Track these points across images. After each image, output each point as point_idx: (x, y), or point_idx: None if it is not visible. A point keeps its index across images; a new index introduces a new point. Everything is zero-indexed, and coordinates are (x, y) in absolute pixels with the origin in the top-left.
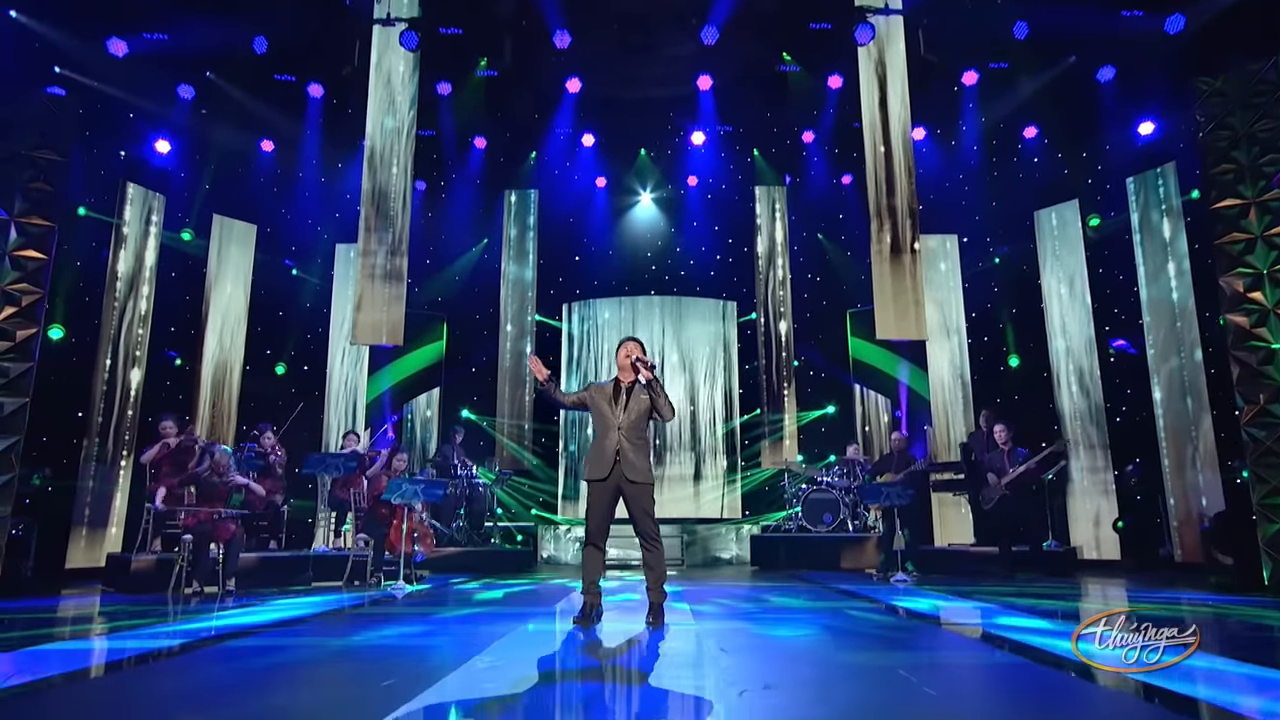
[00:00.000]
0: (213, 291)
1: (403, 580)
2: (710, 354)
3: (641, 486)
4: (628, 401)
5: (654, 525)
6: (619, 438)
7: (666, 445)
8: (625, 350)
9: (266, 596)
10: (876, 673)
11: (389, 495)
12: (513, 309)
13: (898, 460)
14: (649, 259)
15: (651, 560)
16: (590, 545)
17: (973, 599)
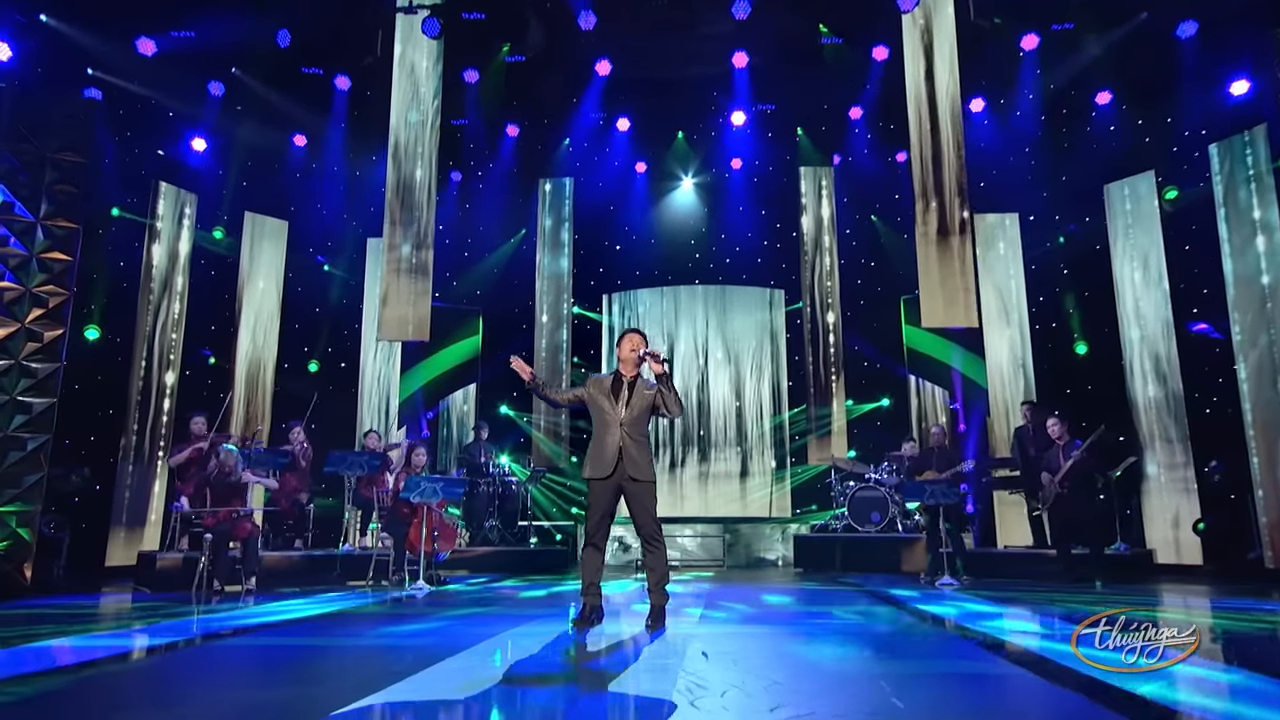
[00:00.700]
0: (245, 289)
1: (423, 580)
2: (756, 345)
3: (644, 485)
4: (630, 397)
5: (656, 525)
6: (621, 434)
7: (711, 441)
8: (630, 343)
9: (285, 596)
10: (858, 681)
11: (407, 493)
12: (548, 301)
13: (939, 457)
14: (692, 246)
15: (653, 561)
16: (589, 545)
17: (1014, 605)
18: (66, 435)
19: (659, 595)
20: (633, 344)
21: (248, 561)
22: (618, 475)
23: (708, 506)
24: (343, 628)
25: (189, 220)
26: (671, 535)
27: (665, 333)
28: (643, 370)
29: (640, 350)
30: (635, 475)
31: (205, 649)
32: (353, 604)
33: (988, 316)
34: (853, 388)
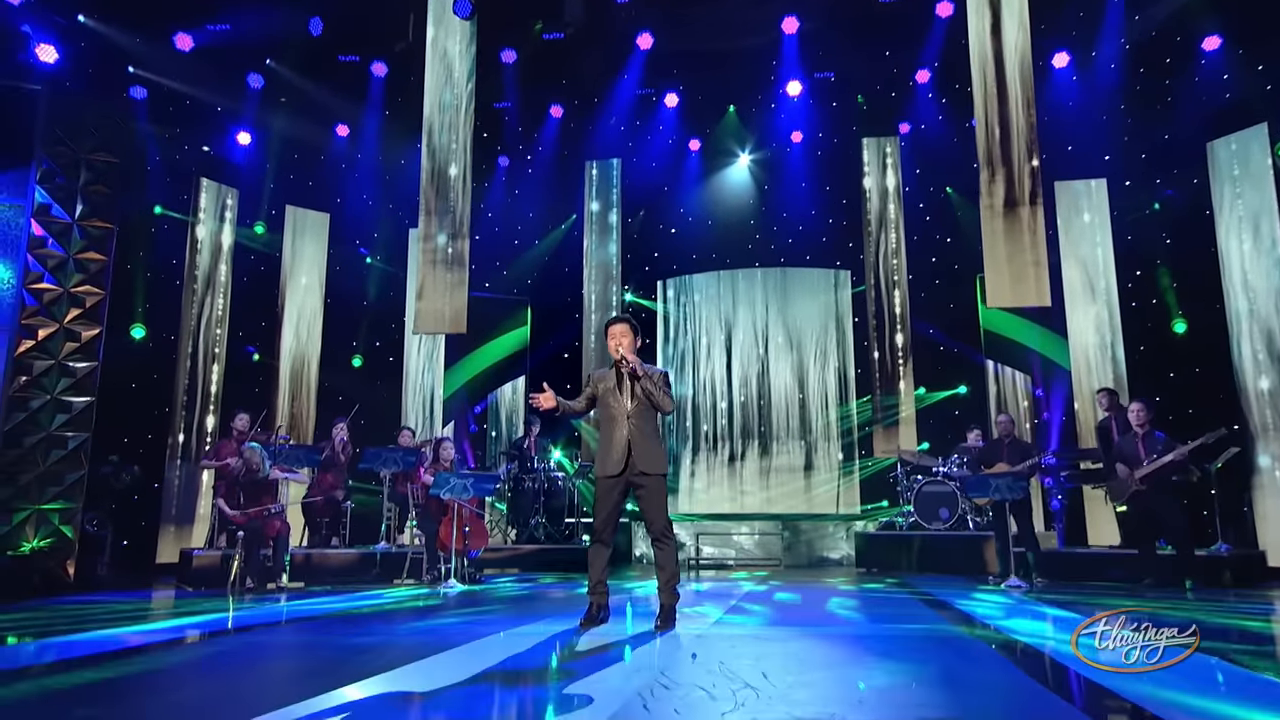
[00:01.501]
0: (288, 284)
1: (454, 578)
2: (820, 330)
3: (655, 479)
4: (633, 388)
5: (667, 521)
6: (629, 428)
7: (773, 434)
8: (610, 337)
9: (313, 595)
10: (840, 687)
11: (436, 489)
12: (596, 289)
13: (1010, 449)
14: (750, 227)
15: (663, 559)
16: (596, 543)
17: (1072, 609)
18: (116, 433)
19: (668, 594)
20: (616, 341)
21: (278, 559)
22: (628, 471)
23: (770, 502)
24: (340, 627)
25: (230, 215)
26: (727, 533)
27: (723, 319)
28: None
29: (619, 354)
30: (646, 469)
31: (172, 649)
32: (370, 603)
33: (1071, 293)
34: (925, 374)
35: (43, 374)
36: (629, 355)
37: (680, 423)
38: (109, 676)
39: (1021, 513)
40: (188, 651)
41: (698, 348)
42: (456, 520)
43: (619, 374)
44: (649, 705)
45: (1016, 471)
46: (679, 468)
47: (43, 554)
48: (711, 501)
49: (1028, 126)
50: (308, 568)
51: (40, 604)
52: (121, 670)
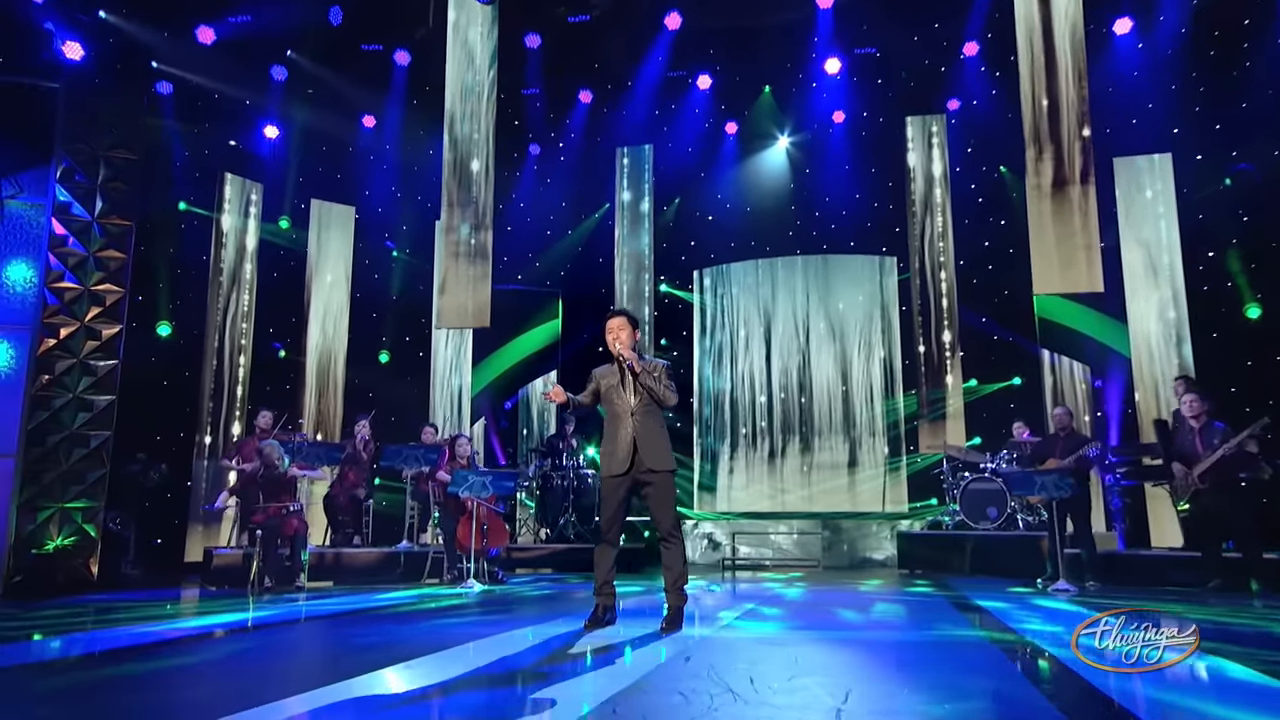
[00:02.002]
0: (314, 279)
1: (473, 578)
2: (865, 319)
3: (663, 476)
4: (635, 382)
5: (675, 519)
6: (633, 424)
7: (815, 429)
8: (608, 332)
9: (326, 595)
10: (815, 692)
11: (455, 488)
12: (628, 281)
13: (1064, 443)
14: (791, 213)
15: (670, 559)
16: (602, 543)
17: None
18: (140, 432)
19: (676, 595)
20: (614, 336)
21: (295, 558)
22: (635, 469)
23: (811, 501)
24: (339, 629)
25: (255, 210)
26: (764, 532)
27: (762, 310)
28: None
29: (616, 348)
30: (653, 465)
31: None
32: (381, 604)
33: (1131, 277)
34: (976, 365)
35: (65, 373)
36: (625, 351)
37: (718, 418)
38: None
39: (1078, 511)
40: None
41: (736, 340)
42: (476, 519)
43: (621, 369)
44: (618, 710)
45: (1064, 467)
46: (716, 465)
47: (66, 552)
48: (751, 500)
49: (1079, 99)
50: (330, 567)
51: (54, 602)
52: (104, 672)
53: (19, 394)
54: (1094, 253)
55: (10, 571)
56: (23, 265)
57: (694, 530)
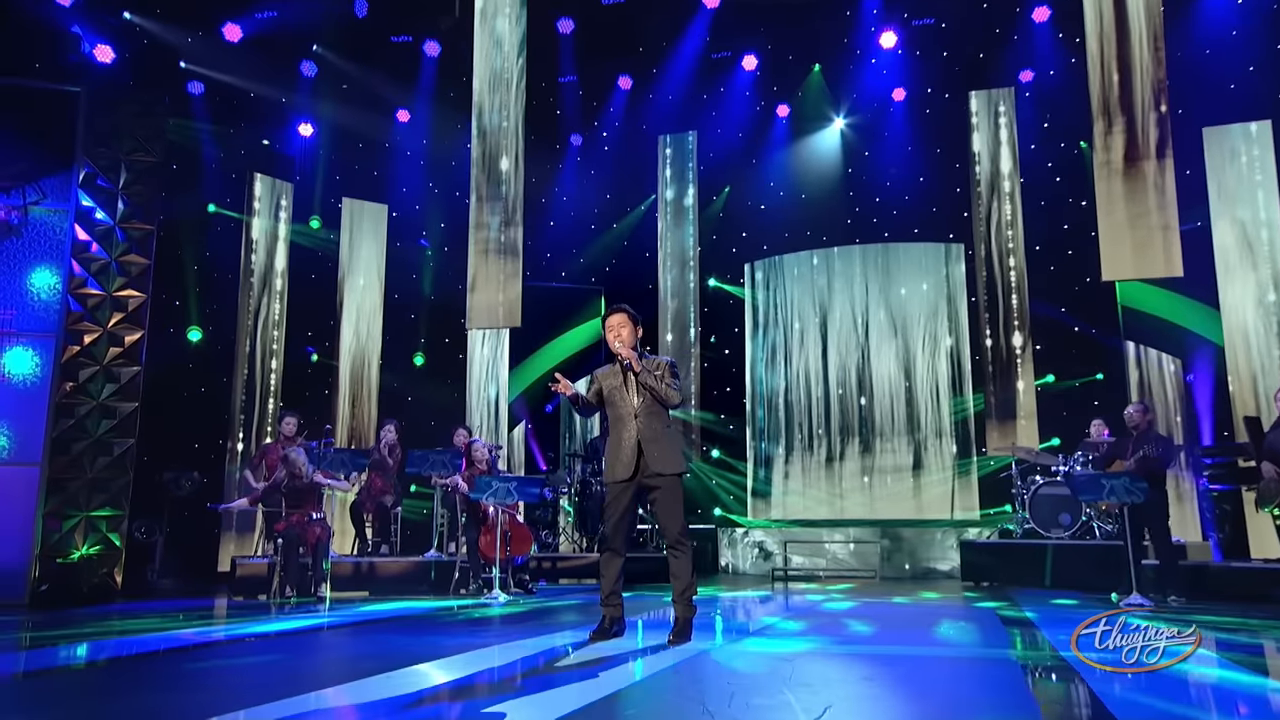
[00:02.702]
0: (347, 280)
1: (498, 589)
2: (929, 312)
3: (670, 480)
4: (637, 382)
5: (682, 526)
6: (637, 427)
7: (876, 429)
8: (608, 330)
9: (348, 605)
10: (784, 713)
11: (477, 494)
12: (672, 277)
13: (1136, 444)
14: (850, 199)
15: (678, 568)
16: (607, 551)
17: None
18: (168, 439)
19: (684, 607)
20: (616, 334)
21: (317, 567)
22: (640, 474)
23: (873, 507)
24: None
25: (285, 211)
26: (818, 541)
27: (818, 303)
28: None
29: (615, 345)
30: (660, 469)
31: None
32: (384, 614)
33: (1224, 259)
34: (1052, 359)
35: (88, 380)
36: (624, 350)
37: (772, 420)
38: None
39: (1154, 518)
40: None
41: (790, 336)
42: (504, 526)
43: (623, 369)
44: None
45: (1132, 469)
46: (771, 470)
47: (91, 562)
48: (808, 506)
49: (1154, 64)
50: (355, 577)
51: (67, 613)
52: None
53: (44, 402)
54: (1172, 234)
55: (36, 580)
56: (47, 272)
57: (744, 539)
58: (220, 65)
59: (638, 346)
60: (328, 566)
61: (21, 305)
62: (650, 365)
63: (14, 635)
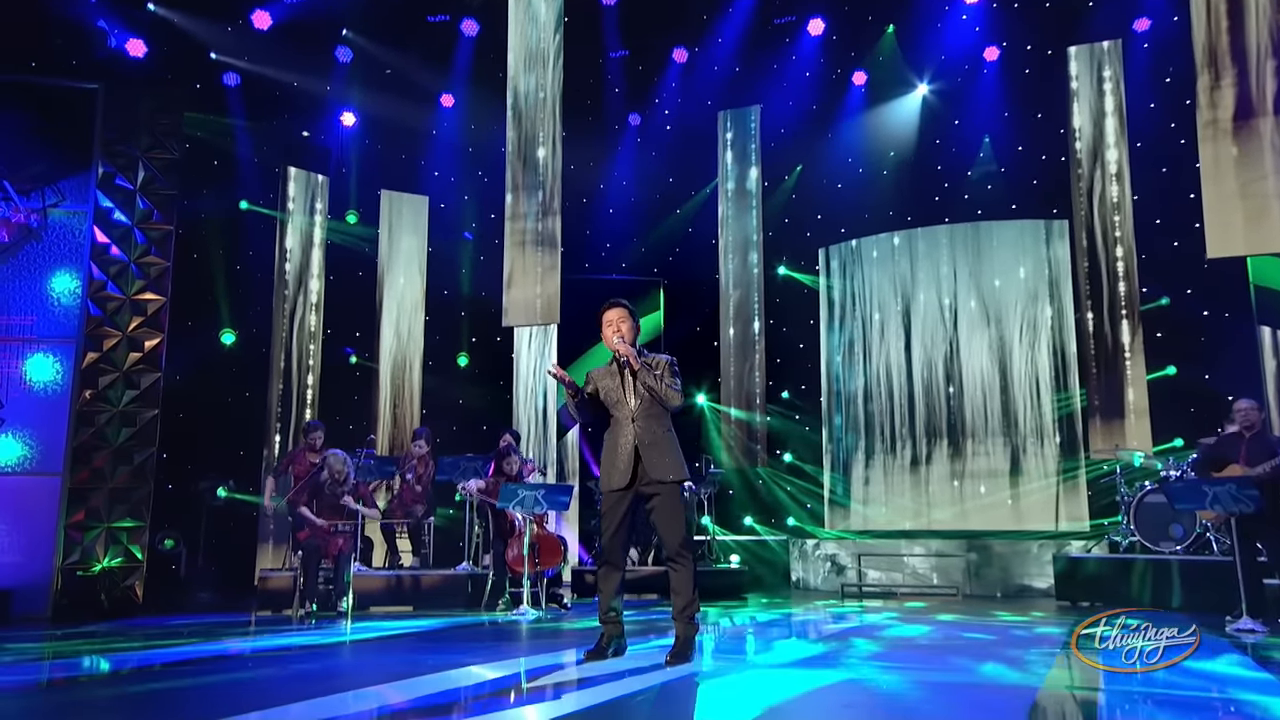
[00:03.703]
0: (386, 276)
1: (526, 604)
2: (1028, 297)
3: (669, 488)
4: (635, 384)
5: (683, 538)
6: (634, 431)
7: (967, 430)
8: (606, 325)
9: (371, 617)
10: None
11: (503, 503)
12: (734, 264)
13: (1251, 444)
14: (936, 174)
15: (678, 583)
16: (605, 564)
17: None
18: (204, 446)
19: (684, 624)
20: (614, 328)
21: (337, 581)
22: (638, 481)
23: (965, 516)
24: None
25: (321, 206)
26: (896, 554)
27: (900, 291)
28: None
29: (613, 340)
30: (658, 476)
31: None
32: (397, 630)
33: None
34: (1169, 348)
35: (108, 386)
36: (621, 348)
37: (850, 421)
38: None
39: (1268, 531)
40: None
41: (870, 328)
42: (532, 537)
43: (621, 368)
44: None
45: (1254, 475)
46: (850, 477)
47: (112, 574)
48: (891, 517)
49: (1271, 7)
50: (385, 591)
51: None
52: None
53: (65, 410)
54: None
55: (58, 593)
56: (66, 276)
57: (815, 551)
58: (251, 55)
59: (637, 344)
60: (349, 579)
61: (42, 311)
62: (650, 363)
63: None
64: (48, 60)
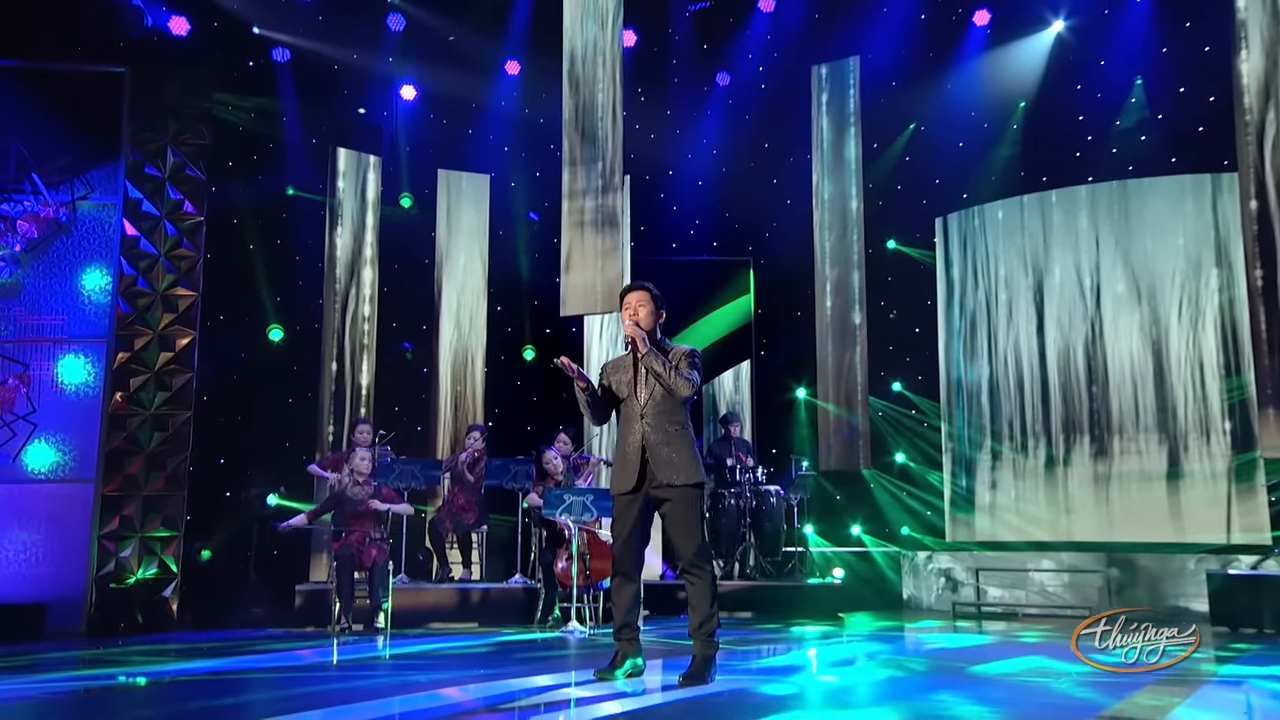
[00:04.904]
0: (444, 264)
1: (575, 620)
2: (1189, 267)
3: (682, 492)
4: (647, 376)
5: (698, 547)
6: (642, 430)
7: (1114, 425)
8: (624, 309)
9: (416, 638)
10: None
11: (549, 510)
12: (830, 239)
13: None
14: (1078, 125)
15: (695, 596)
16: (618, 575)
17: None
18: (252, 452)
19: (702, 643)
20: (628, 310)
21: (373, 595)
22: (647, 483)
23: (1109, 526)
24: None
25: (373, 189)
26: (1021, 569)
27: (1030, 264)
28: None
29: (626, 320)
30: (668, 479)
31: None
32: (437, 648)
33: None
34: None
35: (140, 388)
36: (630, 329)
37: (974, 416)
38: None
39: None
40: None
41: (995, 308)
42: (581, 547)
43: (635, 360)
44: None
45: None
46: (974, 479)
47: (146, 587)
48: (1023, 525)
49: None
50: (431, 605)
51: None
52: None
53: (97, 414)
54: None
55: (93, 607)
56: (97, 272)
57: (927, 565)
58: (295, 28)
59: (658, 334)
60: (385, 593)
61: (73, 309)
62: (665, 350)
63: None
64: (75, 44)
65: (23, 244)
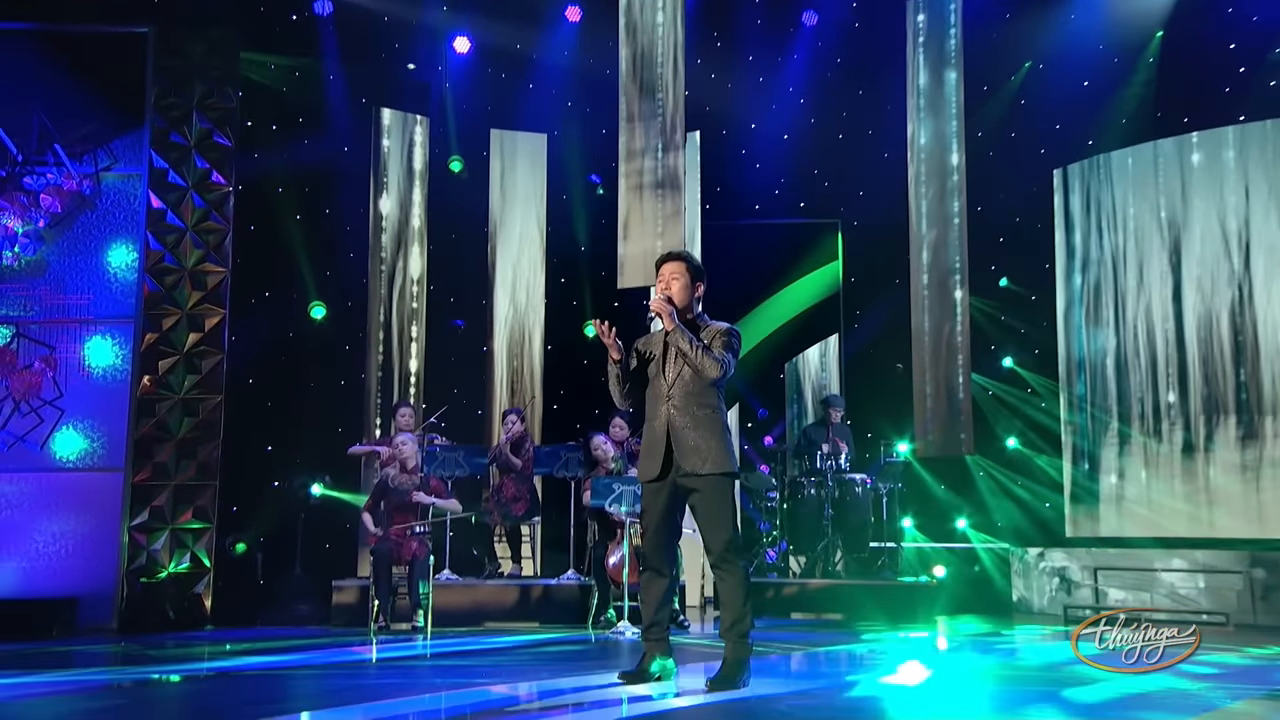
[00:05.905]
0: (499, 233)
1: (626, 620)
2: None
3: (710, 481)
4: (675, 356)
5: (728, 540)
6: (668, 412)
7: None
8: (659, 280)
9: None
10: None
11: (597, 500)
12: (928, 197)
13: None
14: (1228, 57)
15: (726, 594)
16: (647, 570)
17: None
18: (291, 439)
19: (734, 643)
20: (663, 282)
21: (412, 592)
22: (673, 473)
23: (1261, 521)
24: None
25: (421, 152)
26: (1149, 568)
27: (1165, 220)
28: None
29: (658, 294)
30: (693, 467)
31: None
32: (474, 646)
33: None
34: None
35: (168, 371)
36: (657, 306)
37: (1098, 395)
38: None
39: None
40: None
41: (1123, 271)
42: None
43: (666, 342)
44: None
45: None
46: (1098, 468)
47: (177, 581)
48: (1154, 518)
49: None
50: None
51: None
52: None
53: (125, 398)
54: None
55: (123, 602)
56: (123, 248)
57: (1039, 563)
58: None
59: (695, 309)
60: (425, 590)
61: (99, 287)
62: (699, 326)
63: None
64: (95, 2)
65: (47, 219)
